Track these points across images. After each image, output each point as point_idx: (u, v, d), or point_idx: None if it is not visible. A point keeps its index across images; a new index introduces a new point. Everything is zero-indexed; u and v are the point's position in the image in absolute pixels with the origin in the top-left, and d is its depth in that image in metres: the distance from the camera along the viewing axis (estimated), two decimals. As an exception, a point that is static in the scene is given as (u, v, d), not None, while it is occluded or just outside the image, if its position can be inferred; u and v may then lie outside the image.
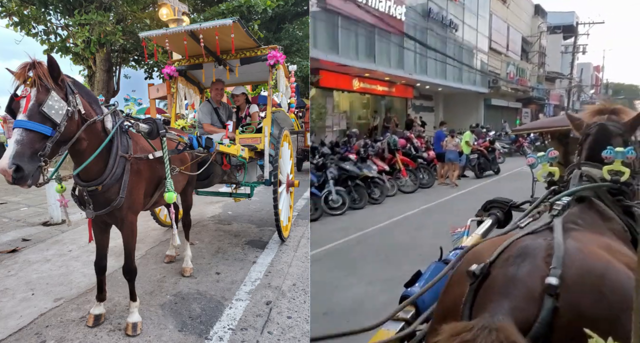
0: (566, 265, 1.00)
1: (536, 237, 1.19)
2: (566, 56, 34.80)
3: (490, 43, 22.85)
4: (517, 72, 25.82)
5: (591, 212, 1.54)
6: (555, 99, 34.73)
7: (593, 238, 1.24)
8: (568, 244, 1.09)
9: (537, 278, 0.99)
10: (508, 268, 1.06)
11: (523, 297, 0.97)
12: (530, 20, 29.70)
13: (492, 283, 1.05)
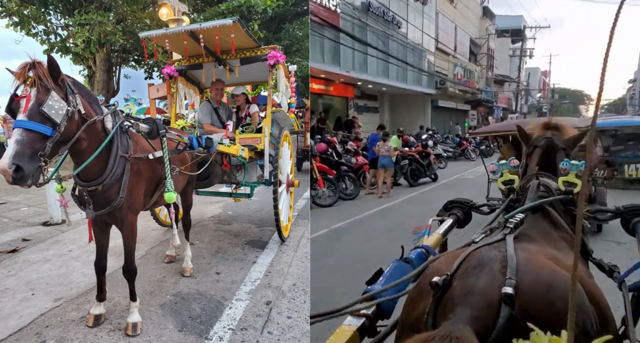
0: (520, 275, 1.08)
1: (491, 249, 1.26)
2: (514, 60, 35.16)
3: (437, 43, 22.17)
4: (465, 74, 25.33)
5: (545, 222, 1.66)
6: (504, 101, 34.90)
7: (541, 249, 1.34)
8: (519, 256, 1.17)
9: (495, 288, 1.06)
10: (467, 279, 1.13)
11: (482, 306, 1.04)
12: (479, 22, 29.63)
13: (452, 294, 1.11)
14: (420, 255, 1.77)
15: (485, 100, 30.01)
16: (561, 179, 1.89)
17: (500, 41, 33.29)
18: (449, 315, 1.05)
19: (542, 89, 48.03)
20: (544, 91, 49.22)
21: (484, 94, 29.26)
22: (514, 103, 37.81)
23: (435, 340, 0.91)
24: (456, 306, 1.07)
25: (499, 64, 33.11)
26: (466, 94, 26.10)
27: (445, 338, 0.90)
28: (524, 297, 1.03)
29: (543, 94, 48.79)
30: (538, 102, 45.79)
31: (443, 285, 1.12)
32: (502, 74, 34.00)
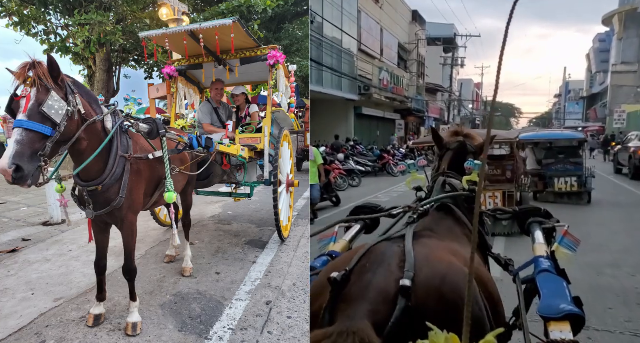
0: (417, 268, 1.11)
1: (391, 244, 1.28)
2: (446, 69, 34.56)
3: (360, 45, 19.86)
4: (393, 80, 23.17)
5: (448, 219, 1.73)
6: (436, 112, 34.10)
7: (441, 244, 1.38)
8: (418, 251, 1.21)
9: (392, 281, 1.08)
10: (365, 274, 1.15)
11: (379, 300, 1.06)
12: (408, 27, 27.96)
13: (351, 290, 1.12)
14: (325, 263, 1.73)
15: (416, 110, 28.45)
16: (465, 178, 1.98)
17: (432, 50, 32.32)
18: (347, 311, 1.06)
19: (475, 101, 47.85)
20: (477, 103, 48.95)
21: (414, 103, 27.63)
22: (447, 114, 36.87)
23: (332, 337, 0.92)
24: (354, 301, 1.08)
25: (431, 73, 31.92)
26: (394, 101, 24.10)
27: (342, 335, 0.91)
28: (420, 289, 1.06)
29: (476, 106, 48.54)
30: (471, 114, 45.44)
31: (342, 281, 1.13)
32: (434, 83, 32.79)
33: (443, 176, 2.05)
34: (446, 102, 36.81)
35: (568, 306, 1.26)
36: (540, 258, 1.64)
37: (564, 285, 1.44)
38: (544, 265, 1.57)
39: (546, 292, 1.39)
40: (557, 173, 8.73)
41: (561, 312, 1.24)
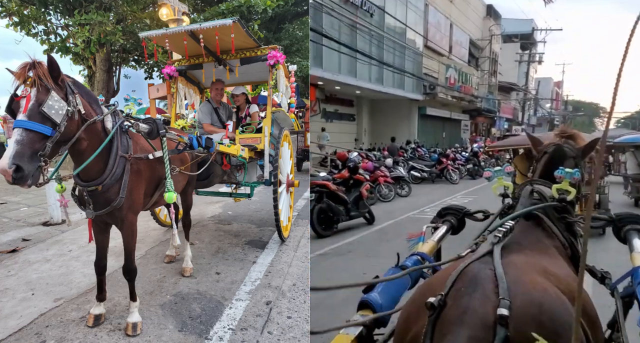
0: (512, 295, 1.10)
1: (482, 266, 1.27)
2: (522, 66, 32.09)
3: (426, 41, 18.35)
4: (460, 78, 21.35)
5: (538, 229, 1.66)
6: (508, 112, 31.88)
7: (530, 261, 1.35)
8: (509, 273, 1.19)
9: (489, 308, 1.07)
10: (461, 299, 1.14)
11: (478, 327, 1.05)
12: (481, 22, 25.70)
13: (448, 314, 1.12)
14: (416, 263, 1.78)
15: (486, 110, 26.58)
16: (555, 187, 1.90)
17: (508, 46, 30.35)
18: (446, 336, 1.06)
19: (555, 100, 45.26)
20: (557, 102, 46.43)
21: (484, 103, 25.68)
22: (520, 114, 34.10)
23: None
24: (452, 326, 1.08)
25: (506, 71, 30.03)
26: (462, 101, 22.37)
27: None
28: (518, 318, 1.05)
29: (555, 105, 46.06)
30: (549, 114, 42.81)
31: (439, 306, 1.13)
32: (508, 81, 30.52)
33: (530, 185, 1.95)
34: (520, 101, 34.30)
35: None
36: (639, 269, 1.57)
37: None
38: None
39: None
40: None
41: None
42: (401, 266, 1.75)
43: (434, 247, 1.99)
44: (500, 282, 1.14)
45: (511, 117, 32.74)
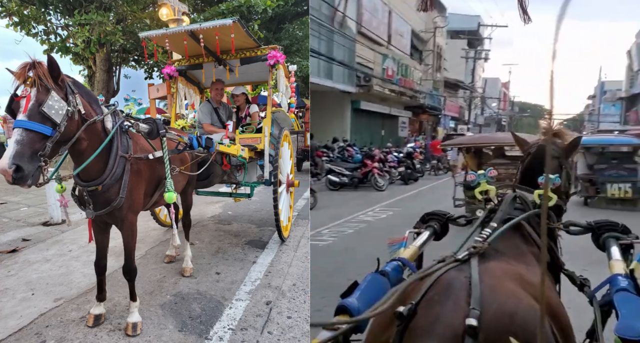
0: (483, 305, 1.08)
1: (458, 274, 1.25)
2: (471, 65, 31.11)
3: (359, 27, 16.05)
4: (400, 70, 19.14)
5: (516, 235, 1.66)
6: (454, 110, 30.58)
7: (508, 269, 1.33)
8: (484, 283, 1.17)
9: (459, 318, 1.05)
10: (432, 308, 1.12)
11: (446, 337, 1.03)
12: (425, 13, 22.83)
13: (418, 323, 1.10)
14: (396, 268, 1.75)
15: (431, 107, 24.54)
16: (537, 192, 1.91)
17: (454, 43, 29.18)
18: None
19: (503, 100, 44.73)
20: (504, 102, 45.98)
21: (428, 99, 23.83)
22: (467, 112, 32.90)
23: None
24: (419, 337, 1.06)
25: (452, 68, 28.56)
26: (402, 96, 20.08)
27: None
28: (488, 328, 1.03)
29: (503, 106, 45.67)
30: (497, 114, 42.47)
31: (408, 315, 1.11)
32: (454, 78, 29.27)
33: (513, 190, 1.95)
34: (467, 99, 33.06)
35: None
36: (617, 277, 1.56)
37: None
38: (622, 284, 1.49)
39: (625, 312, 1.32)
40: (609, 178, 8.41)
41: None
42: (381, 271, 1.72)
43: (416, 252, 1.95)
44: (474, 291, 1.12)
45: (457, 116, 31.50)
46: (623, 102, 41.94)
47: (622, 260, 1.72)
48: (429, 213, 2.37)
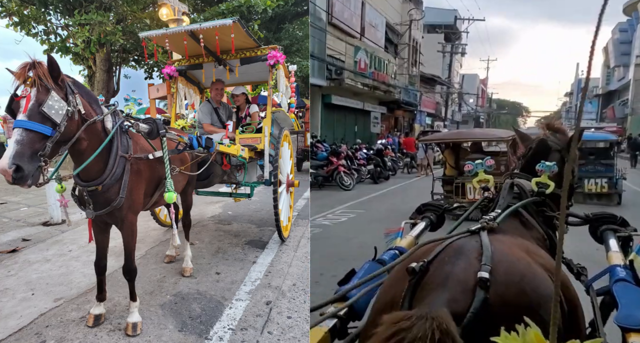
0: (495, 262, 1.11)
1: (469, 239, 1.30)
2: (448, 59, 30.60)
3: (330, 17, 15.33)
4: (373, 63, 18.28)
5: (516, 221, 1.69)
6: (431, 106, 29.79)
7: (515, 241, 1.38)
8: (495, 246, 1.21)
9: (471, 273, 1.09)
10: (445, 265, 1.16)
11: (458, 290, 1.06)
12: (400, 5, 22.84)
13: (430, 279, 1.13)
14: (394, 257, 1.78)
15: (406, 102, 23.58)
16: (534, 180, 1.94)
17: (431, 37, 28.47)
18: (425, 298, 1.07)
19: (481, 97, 44.51)
20: (483, 99, 45.62)
21: (404, 94, 22.83)
22: (444, 109, 31.80)
23: (412, 320, 0.93)
24: (433, 290, 1.09)
25: (429, 63, 27.57)
26: (376, 90, 19.10)
27: (421, 319, 0.92)
28: (499, 282, 1.05)
29: (482, 103, 45.34)
30: (475, 111, 42.05)
31: (420, 271, 1.14)
32: (431, 73, 28.04)
33: (511, 178, 1.99)
34: (444, 95, 32.13)
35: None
36: (616, 267, 1.59)
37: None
38: (620, 274, 1.52)
39: (625, 301, 1.34)
40: (587, 174, 8.60)
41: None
42: (378, 260, 1.76)
43: (412, 242, 1.99)
44: (485, 251, 1.16)
45: (434, 112, 30.56)
46: (599, 99, 42.29)
47: (620, 252, 1.75)
48: (425, 204, 2.41)
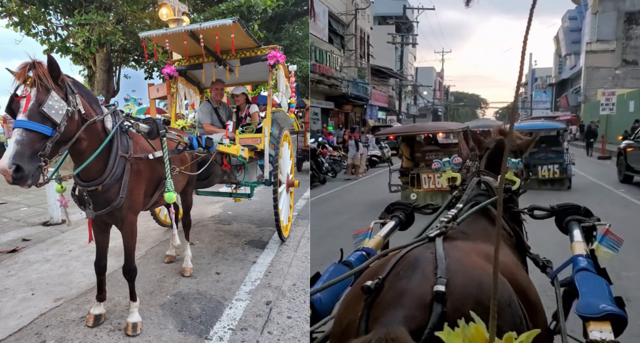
0: (451, 274, 1.09)
1: (424, 250, 1.26)
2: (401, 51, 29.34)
3: None
4: (314, 55, 17.59)
5: (482, 219, 1.69)
6: (382, 100, 28.19)
7: (475, 247, 1.35)
8: (451, 256, 1.18)
9: (426, 288, 1.06)
10: (399, 281, 1.13)
11: (414, 306, 1.04)
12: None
13: (385, 297, 1.10)
14: (360, 258, 1.76)
15: (355, 96, 22.11)
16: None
17: (382, 29, 27.42)
18: (381, 318, 1.04)
19: (438, 90, 43.78)
20: (440, 92, 45.01)
21: (352, 88, 21.36)
22: (397, 103, 30.33)
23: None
24: (387, 309, 1.06)
25: (381, 55, 26.47)
26: (319, 84, 17.95)
27: (381, 341, 0.90)
28: (456, 294, 1.04)
29: (439, 96, 44.55)
30: (432, 104, 40.97)
31: (375, 289, 1.11)
32: (382, 65, 26.28)
33: (477, 176, 2.04)
34: (396, 88, 30.60)
35: (609, 306, 1.22)
36: (578, 257, 1.61)
37: (604, 284, 1.40)
38: (582, 264, 1.54)
39: (585, 290, 1.35)
40: (540, 161, 9.15)
41: (601, 312, 1.20)
42: (345, 262, 1.73)
43: (381, 242, 1.98)
44: (440, 263, 1.14)
45: (386, 106, 29.24)
46: (553, 88, 42.20)
47: (584, 242, 1.78)
48: (394, 203, 2.42)
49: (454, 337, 0.79)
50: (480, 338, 0.77)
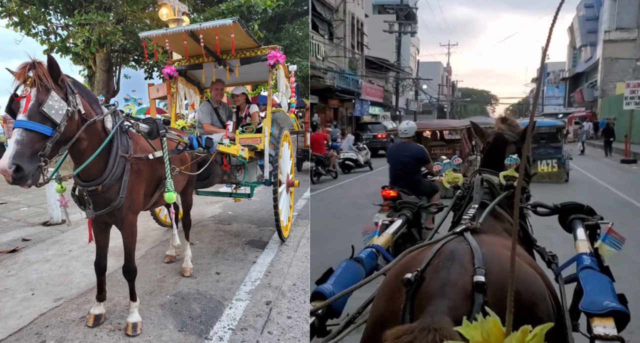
0: (488, 266, 1.14)
1: (458, 243, 1.31)
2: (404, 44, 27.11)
3: None
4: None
5: (490, 217, 1.73)
6: (377, 94, 25.67)
7: (498, 240, 1.42)
8: (484, 249, 1.24)
9: (467, 278, 1.10)
10: (440, 272, 1.16)
11: (457, 296, 1.08)
12: None
13: (427, 288, 1.14)
14: (371, 255, 1.81)
15: (342, 90, 19.91)
16: (502, 174, 1.98)
17: (381, 18, 25.51)
18: (425, 308, 1.07)
19: (446, 86, 42.52)
20: (449, 88, 43.89)
21: (339, 80, 19.29)
22: (394, 98, 27.85)
23: (414, 333, 0.92)
24: (432, 299, 1.09)
25: (376, 45, 24.10)
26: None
27: (424, 330, 0.92)
28: (494, 284, 1.08)
29: (447, 91, 43.23)
30: (437, 100, 38.93)
31: (415, 281, 1.15)
32: (377, 57, 23.88)
33: (479, 174, 2.04)
34: (393, 82, 27.86)
35: (612, 302, 1.26)
36: (582, 255, 1.64)
37: (607, 282, 1.44)
38: (586, 262, 1.58)
39: (589, 288, 1.39)
40: (540, 156, 9.63)
41: (605, 309, 1.23)
42: (356, 258, 1.77)
43: (390, 240, 2.01)
44: (476, 254, 1.18)
45: (380, 101, 26.68)
46: (566, 83, 40.04)
47: (587, 240, 1.81)
48: (401, 202, 2.44)
49: (472, 329, 0.80)
50: (498, 331, 0.79)
